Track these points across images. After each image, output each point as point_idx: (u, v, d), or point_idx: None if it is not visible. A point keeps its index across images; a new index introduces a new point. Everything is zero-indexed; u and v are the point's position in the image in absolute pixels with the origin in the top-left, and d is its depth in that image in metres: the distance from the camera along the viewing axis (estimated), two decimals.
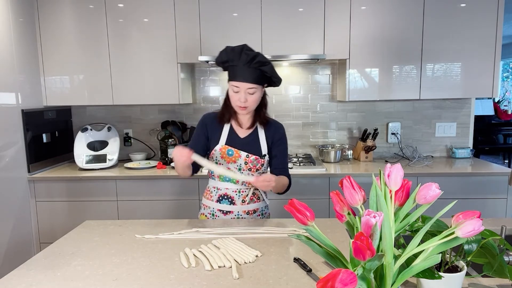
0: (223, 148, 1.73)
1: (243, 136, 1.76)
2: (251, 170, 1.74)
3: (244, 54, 1.59)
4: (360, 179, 2.36)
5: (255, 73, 1.61)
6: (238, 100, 1.64)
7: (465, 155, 3.06)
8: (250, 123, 1.75)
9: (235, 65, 1.62)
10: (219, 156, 1.73)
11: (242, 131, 1.76)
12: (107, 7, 2.78)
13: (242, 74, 1.61)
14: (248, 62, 1.58)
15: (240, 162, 1.72)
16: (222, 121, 1.76)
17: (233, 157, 1.72)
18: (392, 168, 0.83)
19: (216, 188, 1.78)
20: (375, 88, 2.80)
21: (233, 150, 1.72)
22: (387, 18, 2.72)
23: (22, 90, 2.65)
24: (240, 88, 1.62)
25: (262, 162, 1.75)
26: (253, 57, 1.58)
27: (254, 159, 1.73)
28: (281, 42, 2.75)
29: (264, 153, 1.75)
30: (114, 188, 2.69)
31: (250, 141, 1.75)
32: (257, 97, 1.67)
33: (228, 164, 1.73)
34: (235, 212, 1.76)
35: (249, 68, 1.60)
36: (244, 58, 1.59)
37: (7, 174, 2.49)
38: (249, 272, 1.19)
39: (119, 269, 1.23)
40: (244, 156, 1.72)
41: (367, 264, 0.73)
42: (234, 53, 1.60)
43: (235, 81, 1.63)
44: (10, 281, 1.17)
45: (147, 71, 2.83)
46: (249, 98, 1.64)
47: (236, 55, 1.60)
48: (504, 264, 0.99)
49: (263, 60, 1.60)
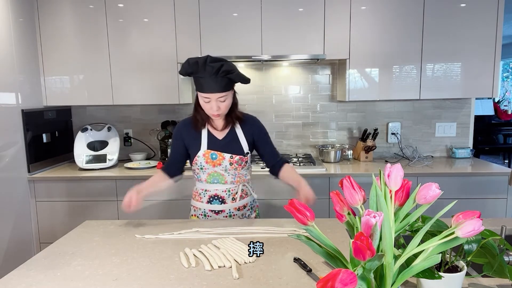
0: (206, 153, 1.73)
1: (221, 138, 1.77)
2: (236, 170, 1.77)
3: (208, 66, 1.57)
4: (360, 179, 2.35)
5: (223, 81, 1.60)
6: (210, 109, 1.65)
7: (465, 155, 3.06)
8: (224, 124, 1.76)
9: (201, 77, 1.60)
10: (203, 162, 1.74)
11: (218, 133, 1.77)
12: (107, 7, 2.78)
13: (209, 86, 1.59)
14: (215, 73, 1.57)
15: (225, 164, 1.74)
16: (197, 127, 1.76)
17: (217, 160, 1.73)
18: (392, 168, 0.83)
19: (205, 190, 1.80)
20: (375, 88, 2.80)
21: (217, 154, 1.73)
22: (387, 18, 2.72)
23: (22, 90, 2.65)
24: (210, 98, 1.62)
25: (245, 159, 1.78)
26: (219, 68, 1.57)
27: (239, 158, 1.75)
28: (281, 42, 2.74)
29: (246, 151, 1.78)
30: (114, 188, 2.69)
31: (230, 141, 1.77)
32: (229, 102, 1.68)
33: (214, 168, 1.74)
34: (226, 210, 1.79)
35: (217, 78, 1.58)
36: (209, 70, 1.57)
37: (7, 174, 2.49)
38: (249, 272, 1.19)
39: (119, 269, 1.23)
40: (228, 157, 1.74)
41: (367, 264, 0.73)
42: (198, 66, 1.58)
43: (204, 92, 1.62)
44: (10, 281, 1.17)
45: (147, 71, 2.83)
46: (221, 105, 1.65)
47: (200, 68, 1.58)
48: (504, 264, 0.99)
49: (228, 68, 1.59)
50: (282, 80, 3.19)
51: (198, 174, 1.79)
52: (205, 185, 1.79)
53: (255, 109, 3.17)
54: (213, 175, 1.76)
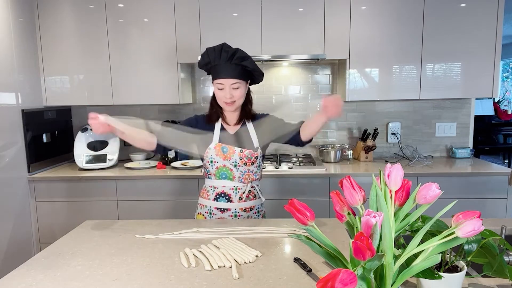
0: (217, 146, 1.76)
1: (233, 132, 1.81)
2: (246, 165, 1.77)
3: (224, 52, 1.66)
4: (360, 179, 2.36)
5: (237, 69, 1.68)
6: (224, 97, 1.71)
7: (465, 155, 3.06)
8: (237, 119, 1.82)
9: (217, 64, 1.69)
10: (214, 154, 1.77)
11: (231, 127, 1.82)
12: (107, 7, 2.78)
13: (224, 71, 1.68)
14: (229, 59, 1.66)
15: (235, 158, 1.76)
16: (211, 120, 1.81)
17: (228, 154, 1.76)
18: (392, 168, 0.83)
19: (213, 187, 1.81)
20: (375, 88, 2.80)
21: (227, 147, 1.76)
22: (387, 18, 2.72)
23: (22, 90, 2.65)
24: (224, 85, 1.69)
25: (256, 155, 1.79)
26: (233, 54, 1.65)
27: (248, 153, 1.76)
28: (281, 42, 2.75)
29: (256, 146, 1.80)
30: (114, 188, 2.69)
31: (241, 136, 1.80)
32: (242, 92, 1.73)
33: (224, 161, 1.76)
34: (232, 209, 1.79)
35: (231, 65, 1.67)
36: (224, 56, 1.66)
37: (7, 174, 2.49)
38: (249, 272, 1.19)
39: (119, 269, 1.23)
40: (238, 151, 1.76)
41: (367, 264, 0.73)
42: (215, 53, 1.67)
43: (218, 78, 1.69)
44: (10, 281, 1.17)
45: (147, 71, 2.83)
46: (234, 93, 1.70)
47: (217, 54, 1.67)
48: (504, 264, 0.99)
49: (242, 55, 1.67)
50: (282, 80, 3.19)
51: (208, 168, 1.81)
52: (213, 181, 1.80)
53: (255, 109, 3.15)
54: (222, 169, 1.77)
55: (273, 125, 1.85)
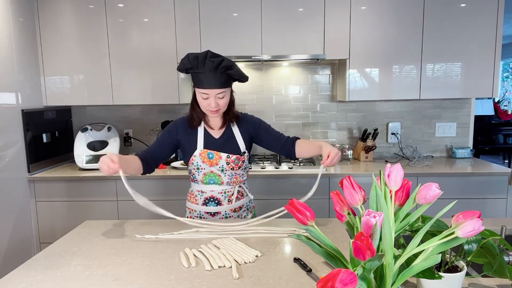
0: (203, 153, 1.71)
1: (217, 137, 1.75)
2: (233, 169, 1.74)
3: (208, 61, 1.55)
4: (360, 179, 2.36)
5: (222, 78, 1.59)
6: (208, 105, 1.63)
7: (465, 155, 3.06)
8: (221, 123, 1.75)
9: (200, 72, 1.58)
10: (200, 161, 1.72)
11: (215, 132, 1.75)
12: (107, 7, 2.78)
13: (209, 81, 1.58)
14: (214, 69, 1.56)
15: (222, 163, 1.72)
16: (193, 125, 1.73)
17: (214, 160, 1.71)
18: (392, 168, 0.83)
19: (201, 192, 1.78)
20: (375, 88, 2.80)
21: (213, 153, 1.71)
22: (387, 18, 2.72)
23: (22, 90, 2.65)
24: (209, 94, 1.61)
25: (242, 159, 1.76)
26: (219, 63, 1.56)
27: (235, 158, 1.73)
28: (281, 42, 2.75)
29: (243, 151, 1.76)
30: (114, 188, 2.69)
31: (226, 140, 1.75)
32: (227, 98, 1.67)
33: (211, 168, 1.72)
34: (222, 212, 1.78)
35: (216, 74, 1.57)
36: (209, 65, 1.55)
37: (7, 174, 2.49)
38: (249, 272, 1.19)
39: (119, 269, 1.23)
40: (224, 157, 1.72)
41: (367, 264, 0.73)
42: (199, 61, 1.57)
43: (203, 88, 1.60)
44: (10, 281, 1.17)
45: (147, 71, 2.83)
46: (219, 102, 1.64)
47: (200, 63, 1.56)
48: (504, 264, 0.99)
49: (228, 64, 1.58)
50: (282, 80, 3.19)
51: (194, 174, 1.76)
52: (200, 186, 1.77)
53: (255, 109, 3.17)
54: (209, 175, 1.73)
55: (259, 129, 1.80)
